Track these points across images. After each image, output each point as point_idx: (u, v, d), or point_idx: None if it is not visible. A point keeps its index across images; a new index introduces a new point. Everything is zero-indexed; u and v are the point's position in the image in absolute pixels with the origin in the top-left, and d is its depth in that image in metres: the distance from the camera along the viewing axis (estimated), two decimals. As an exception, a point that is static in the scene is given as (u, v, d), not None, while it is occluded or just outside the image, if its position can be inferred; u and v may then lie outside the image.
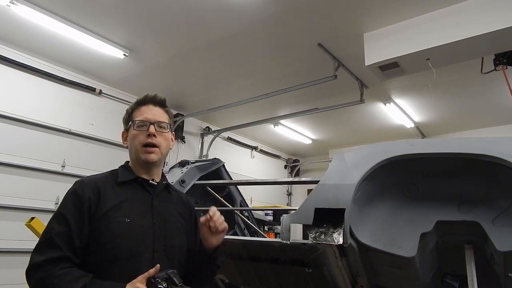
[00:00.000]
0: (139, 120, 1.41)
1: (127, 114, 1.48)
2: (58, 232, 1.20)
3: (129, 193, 1.36)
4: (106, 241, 1.23)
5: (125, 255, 1.24)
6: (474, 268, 1.64)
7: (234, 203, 3.28)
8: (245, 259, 2.19)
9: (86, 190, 1.28)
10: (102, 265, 1.23)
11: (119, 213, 1.28)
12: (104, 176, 1.40)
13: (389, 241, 1.70)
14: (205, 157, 6.36)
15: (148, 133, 1.38)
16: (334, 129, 6.95)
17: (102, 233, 1.24)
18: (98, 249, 1.23)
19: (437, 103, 5.46)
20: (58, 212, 1.26)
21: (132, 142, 1.41)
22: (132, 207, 1.33)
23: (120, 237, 1.24)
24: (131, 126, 1.43)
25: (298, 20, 3.55)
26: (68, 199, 1.28)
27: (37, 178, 4.24)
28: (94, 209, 1.26)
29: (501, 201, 1.59)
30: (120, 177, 1.38)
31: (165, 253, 1.32)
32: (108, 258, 1.23)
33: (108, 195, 1.30)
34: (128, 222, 1.28)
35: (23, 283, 3.73)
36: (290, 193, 8.66)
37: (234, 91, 5.28)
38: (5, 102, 4.10)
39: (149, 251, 1.28)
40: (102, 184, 1.33)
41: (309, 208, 1.72)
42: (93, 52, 4.22)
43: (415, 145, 1.72)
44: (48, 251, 1.18)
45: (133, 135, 1.41)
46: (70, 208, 1.25)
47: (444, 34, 3.18)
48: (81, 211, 1.24)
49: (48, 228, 1.24)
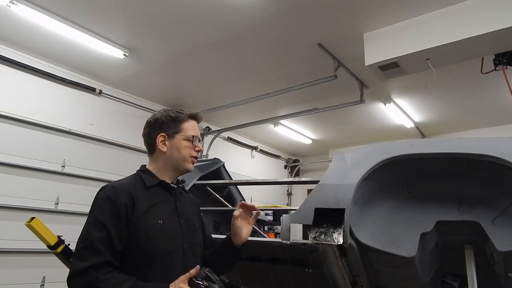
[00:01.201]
0: (195, 136, 1.54)
1: (175, 122, 1.52)
2: (98, 238, 1.24)
3: (156, 197, 1.43)
4: (143, 242, 1.30)
5: (161, 254, 1.32)
6: (474, 268, 1.64)
7: (234, 203, 3.27)
8: (245, 259, 2.19)
9: (120, 195, 1.33)
10: (140, 265, 1.30)
11: (152, 215, 1.36)
12: (131, 181, 1.45)
13: (389, 241, 1.70)
14: (205, 157, 6.35)
15: (198, 149, 1.54)
16: (334, 129, 6.95)
17: (139, 236, 1.30)
18: (136, 250, 1.29)
19: (437, 103, 5.46)
20: (95, 218, 1.29)
21: (178, 151, 1.49)
22: (162, 209, 1.42)
23: (156, 237, 1.33)
24: (181, 136, 1.51)
25: (298, 20, 3.55)
26: (103, 205, 1.31)
27: (37, 178, 4.23)
28: (130, 213, 1.31)
29: (501, 201, 1.59)
30: (147, 182, 1.44)
31: (192, 251, 1.44)
32: (146, 257, 1.30)
33: (140, 199, 1.36)
34: (161, 223, 1.36)
35: (23, 283, 3.74)
36: (290, 193, 8.66)
37: (234, 91, 5.28)
38: (5, 102, 4.09)
39: (180, 250, 1.39)
40: (133, 189, 1.38)
41: (309, 208, 1.72)
42: (93, 52, 4.22)
43: (415, 145, 1.72)
44: (90, 257, 1.21)
45: (182, 145, 1.50)
46: (107, 214, 1.28)
47: (444, 34, 3.18)
48: (118, 216, 1.29)
49: (86, 234, 1.27)
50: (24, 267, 3.96)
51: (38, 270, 4.00)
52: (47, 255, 3.45)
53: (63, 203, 4.37)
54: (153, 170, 1.50)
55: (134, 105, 5.37)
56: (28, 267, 3.97)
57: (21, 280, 3.92)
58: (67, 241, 2.17)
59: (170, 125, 1.52)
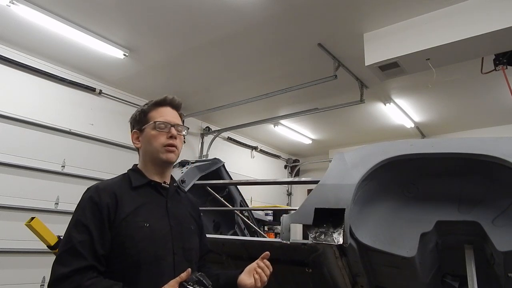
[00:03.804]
0: (161, 121, 1.39)
1: (142, 114, 1.44)
2: (80, 241, 1.16)
3: (144, 197, 1.34)
4: (129, 247, 1.21)
5: (149, 259, 1.23)
6: (474, 268, 1.64)
7: (234, 203, 3.28)
8: (245, 259, 2.19)
9: (103, 196, 1.24)
10: (126, 271, 1.21)
11: (138, 218, 1.27)
12: (117, 180, 1.37)
13: (389, 241, 1.70)
14: (205, 157, 6.35)
15: (171, 135, 1.38)
16: (334, 129, 6.95)
17: (123, 239, 1.22)
18: (121, 255, 1.21)
19: (437, 103, 5.46)
20: (77, 220, 1.21)
21: (150, 143, 1.38)
22: (150, 211, 1.32)
23: (142, 242, 1.23)
24: (149, 126, 1.40)
25: (298, 20, 3.55)
26: (85, 206, 1.23)
27: (37, 178, 4.23)
28: (113, 215, 1.23)
29: (501, 201, 1.59)
30: (134, 182, 1.36)
31: (184, 256, 1.33)
32: (133, 263, 1.21)
33: (125, 200, 1.28)
34: (148, 226, 1.26)
35: (23, 283, 3.75)
36: (290, 193, 8.66)
37: (234, 91, 5.28)
38: (5, 102, 4.09)
39: (170, 255, 1.28)
40: (118, 189, 1.30)
41: (309, 208, 1.72)
42: (93, 52, 4.22)
43: (415, 145, 1.72)
44: (73, 262, 1.13)
45: (152, 135, 1.38)
46: (89, 216, 1.20)
47: (444, 34, 3.18)
48: (100, 218, 1.21)
49: (68, 237, 1.19)
50: (24, 267, 3.96)
51: (38, 270, 4.00)
52: (47, 255, 3.43)
53: (63, 203, 4.37)
54: (141, 168, 1.42)
55: (134, 105, 5.35)
56: (28, 267, 3.97)
57: (21, 280, 3.92)
58: (67, 241, 2.17)
59: (139, 119, 1.44)
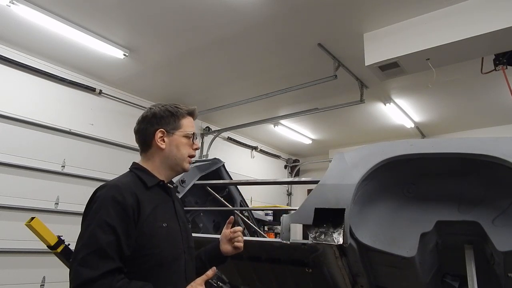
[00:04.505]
0: (193, 132, 1.46)
1: (174, 118, 1.42)
2: (108, 242, 1.13)
3: (158, 198, 1.35)
4: (152, 246, 1.23)
5: (170, 259, 1.28)
6: (474, 268, 1.64)
7: (234, 203, 3.28)
8: (245, 259, 2.19)
9: (126, 196, 1.22)
10: (149, 270, 1.22)
11: (157, 218, 1.29)
12: (130, 180, 1.33)
13: (389, 241, 1.70)
14: (205, 157, 6.35)
15: (196, 147, 1.46)
16: (334, 129, 6.95)
17: (147, 239, 1.23)
18: (144, 256, 1.22)
19: (437, 103, 5.46)
20: (102, 220, 1.16)
21: (178, 149, 1.41)
22: (164, 212, 1.35)
23: (163, 242, 1.27)
24: (180, 133, 1.42)
25: (298, 20, 3.55)
26: (108, 206, 1.19)
27: (37, 178, 4.23)
28: (137, 215, 1.22)
29: (501, 201, 1.59)
30: (147, 182, 1.35)
31: (189, 254, 1.40)
32: (155, 263, 1.24)
33: (144, 200, 1.27)
34: (166, 227, 1.30)
35: (23, 283, 3.75)
36: (290, 193, 8.66)
37: (234, 91, 5.28)
38: (5, 102, 4.09)
39: (182, 254, 1.35)
40: (137, 190, 1.28)
41: (309, 208, 1.71)
42: (93, 52, 4.22)
43: (415, 145, 1.72)
44: (101, 264, 1.10)
45: (181, 142, 1.42)
46: (114, 216, 1.17)
47: (444, 34, 3.18)
48: (125, 218, 1.19)
49: (92, 238, 1.14)
50: (24, 267, 3.96)
51: (38, 270, 4.00)
52: (47, 255, 3.45)
53: (63, 203, 4.37)
54: (149, 168, 1.39)
55: (134, 105, 5.37)
56: (28, 267, 3.97)
57: (21, 280, 3.92)
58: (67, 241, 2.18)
59: (169, 121, 1.41)
